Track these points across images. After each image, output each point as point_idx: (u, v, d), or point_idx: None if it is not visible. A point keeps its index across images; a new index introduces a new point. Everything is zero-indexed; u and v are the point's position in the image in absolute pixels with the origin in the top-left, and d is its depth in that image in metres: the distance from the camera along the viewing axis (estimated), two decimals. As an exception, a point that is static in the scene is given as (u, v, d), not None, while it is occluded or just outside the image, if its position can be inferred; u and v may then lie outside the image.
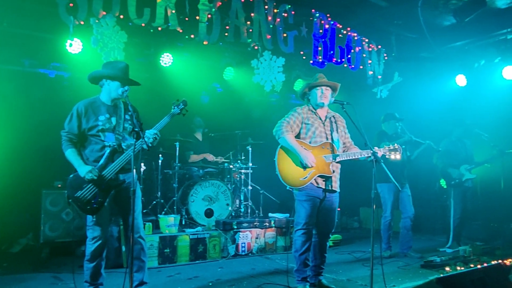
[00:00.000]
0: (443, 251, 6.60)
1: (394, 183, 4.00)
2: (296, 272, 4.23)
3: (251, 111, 8.49)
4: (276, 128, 4.20)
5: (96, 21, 5.00)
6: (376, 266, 4.22)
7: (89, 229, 3.75)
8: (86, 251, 3.75)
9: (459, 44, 7.71)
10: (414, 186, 6.40)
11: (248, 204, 7.00)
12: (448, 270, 5.02)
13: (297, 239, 4.22)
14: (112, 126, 3.80)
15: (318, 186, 4.17)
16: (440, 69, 8.17)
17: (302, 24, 6.65)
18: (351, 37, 7.29)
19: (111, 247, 5.23)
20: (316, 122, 4.27)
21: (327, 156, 4.16)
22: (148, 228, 5.44)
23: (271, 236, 6.31)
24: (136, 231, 3.81)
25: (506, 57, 7.25)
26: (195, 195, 6.42)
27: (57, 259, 5.58)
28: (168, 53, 6.79)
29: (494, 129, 7.06)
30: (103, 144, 3.75)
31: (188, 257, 5.60)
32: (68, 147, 3.72)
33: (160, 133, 3.82)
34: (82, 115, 3.74)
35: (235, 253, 5.96)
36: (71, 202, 3.63)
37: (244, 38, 6.08)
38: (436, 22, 7.13)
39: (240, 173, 7.07)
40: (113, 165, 3.69)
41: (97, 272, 3.77)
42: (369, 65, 7.61)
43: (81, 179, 3.62)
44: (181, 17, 5.56)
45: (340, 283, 4.65)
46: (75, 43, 5.52)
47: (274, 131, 4.22)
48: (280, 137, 4.15)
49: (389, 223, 6.09)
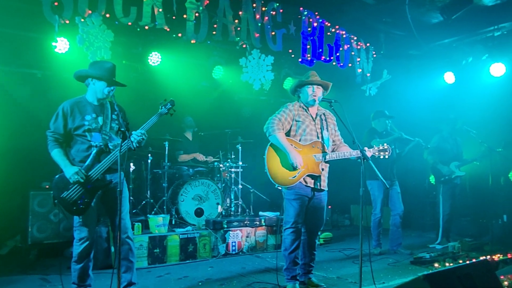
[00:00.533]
0: (432, 247, 6.64)
1: (382, 180, 4.01)
2: (285, 270, 4.23)
3: (240, 109, 8.47)
4: (267, 125, 4.17)
5: (82, 20, 4.94)
6: (366, 263, 4.24)
7: (76, 230, 3.72)
8: (73, 252, 3.73)
9: (447, 42, 7.76)
10: (404, 183, 6.44)
11: (238, 203, 6.99)
12: (437, 266, 5.06)
13: (286, 238, 4.21)
14: (99, 126, 3.78)
15: (307, 185, 4.16)
16: (429, 67, 8.21)
17: (290, 22, 6.64)
18: (340, 35, 7.30)
19: (100, 248, 5.20)
20: (307, 119, 4.26)
21: (317, 155, 4.16)
22: (138, 228, 5.41)
23: (262, 235, 6.30)
24: (124, 232, 3.79)
25: (493, 54, 7.30)
26: (185, 194, 6.40)
27: (46, 261, 5.53)
28: (156, 52, 6.74)
29: (482, 125, 7.13)
30: (90, 144, 3.72)
31: (178, 257, 5.57)
32: (54, 147, 3.69)
33: (149, 133, 3.80)
34: (68, 114, 3.71)
35: (226, 252, 5.94)
36: (57, 203, 3.60)
37: (232, 36, 6.06)
38: (423, 19, 7.16)
39: (230, 172, 7.05)
40: (99, 166, 3.66)
41: (85, 273, 3.74)
42: (357, 63, 7.62)
43: (67, 180, 3.59)
44: (168, 15, 5.51)
45: (330, 280, 4.66)
46: (62, 42, 5.45)
47: (264, 128, 4.19)
48: (270, 134, 4.12)
49: (379, 220, 6.12)
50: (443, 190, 6.90)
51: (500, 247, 6.13)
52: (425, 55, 8.04)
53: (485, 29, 7.22)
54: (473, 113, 7.35)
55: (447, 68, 8.02)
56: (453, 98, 7.99)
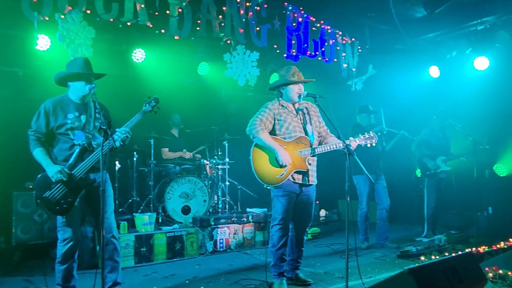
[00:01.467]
0: (419, 240, 6.69)
1: (367, 175, 4.01)
2: (273, 267, 4.22)
3: (227, 106, 8.43)
4: (250, 127, 4.13)
5: (62, 16, 4.86)
6: (353, 258, 4.25)
7: (59, 230, 3.66)
8: (57, 253, 3.67)
9: (431, 36, 7.81)
10: (390, 177, 6.46)
11: (225, 199, 6.96)
12: (424, 259, 5.09)
13: (274, 234, 4.20)
14: (82, 124, 3.72)
15: (295, 181, 4.14)
16: (414, 61, 8.25)
17: (275, 17, 6.62)
18: (325, 30, 7.29)
19: (85, 248, 5.14)
20: (289, 117, 4.23)
21: (302, 151, 4.14)
22: (124, 227, 5.35)
23: (249, 231, 6.28)
24: (109, 231, 3.74)
25: (477, 48, 7.35)
26: (172, 192, 6.35)
27: (30, 262, 5.44)
28: (140, 49, 6.67)
29: (467, 119, 7.19)
30: (73, 143, 3.66)
31: (165, 255, 5.53)
32: (35, 147, 3.62)
33: (135, 131, 3.76)
34: (50, 113, 3.64)
35: (213, 249, 5.92)
36: (40, 203, 3.53)
37: (216, 32, 6.02)
38: (408, 14, 7.20)
39: (217, 168, 7.01)
40: (83, 164, 3.61)
41: (69, 274, 3.69)
42: (343, 58, 7.63)
43: (49, 179, 3.52)
44: (151, 11, 5.46)
45: (317, 276, 4.66)
46: (43, 40, 5.36)
47: (247, 131, 4.15)
48: (255, 136, 4.09)
49: (365, 215, 6.14)
50: (428, 184, 6.96)
51: (485, 239, 6.21)
52: (410, 49, 8.08)
53: (468, 23, 7.28)
54: (458, 107, 7.42)
55: (432, 62, 8.07)
56: (438, 92, 8.05)
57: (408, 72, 8.38)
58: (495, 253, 5.01)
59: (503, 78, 7.15)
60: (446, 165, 6.86)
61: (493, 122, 7.37)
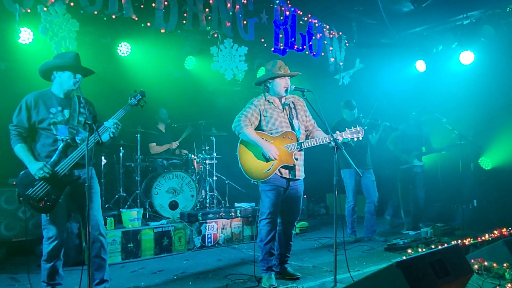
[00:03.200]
0: (406, 233, 6.76)
1: (354, 168, 4.01)
2: (261, 261, 4.21)
3: (214, 100, 8.38)
4: (235, 124, 4.14)
5: (44, 9, 4.75)
6: (341, 252, 4.26)
7: (44, 228, 3.59)
8: (43, 251, 3.61)
9: (418, 30, 7.85)
10: (377, 170, 6.49)
11: (213, 194, 6.94)
12: (411, 252, 5.14)
13: (262, 229, 4.19)
14: (65, 119, 3.62)
15: (282, 176, 4.14)
16: (401, 55, 8.29)
17: (262, 11, 6.58)
18: (312, 24, 7.28)
19: (71, 244, 5.07)
20: (275, 112, 4.21)
21: (289, 146, 4.13)
22: (110, 223, 5.29)
23: (238, 226, 6.27)
24: (96, 228, 3.68)
25: (463, 42, 7.41)
26: (159, 187, 6.30)
27: (15, 259, 5.37)
28: (125, 42, 6.58)
29: (452, 113, 7.25)
30: (55, 138, 3.56)
31: (153, 251, 5.49)
32: (17, 142, 3.53)
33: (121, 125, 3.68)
34: (32, 107, 3.55)
35: (201, 244, 5.89)
36: (22, 200, 3.46)
37: (203, 25, 5.96)
38: (395, 8, 7.22)
39: (205, 163, 6.98)
40: (66, 161, 3.53)
41: (54, 272, 3.64)
42: (330, 52, 7.63)
43: (32, 176, 3.45)
44: (136, 4, 5.37)
45: (305, 270, 4.67)
46: (25, 32, 5.24)
47: (233, 127, 4.16)
48: (240, 132, 4.09)
49: (352, 208, 6.16)
50: (401, 178, 7.07)
51: (471, 232, 6.29)
52: (397, 43, 8.11)
53: (454, 18, 7.34)
54: (444, 101, 7.48)
55: (419, 56, 8.12)
56: (424, 86, 8.10)
57: (395, 66, 8.42)
58: (480, 245, 5.08)
59: (487, 72, 7.22)
60: (419, 160, 6.93)
61: (478, 115, 7.45)
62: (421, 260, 2.88)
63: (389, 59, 8.42)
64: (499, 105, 7.31)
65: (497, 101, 7.26)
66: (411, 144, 6.96)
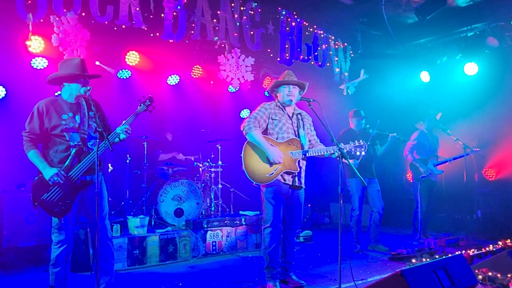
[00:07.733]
0: (410, 243, 6.75)
1: (360, 178, 4.06)
2: (265, 269, 4.24)
3: (220, 109, 8.45)
4: (244, 124, 4.22)
5: (57, 18, 4.85)
6: (346, 260, 4.28)
7: (54, 232, 3.64)
8: (51, 256, 3.66)
9: (422, 41, 7.92)
10: (381, 180, 6.51)
11: (218, 202, 6.98)
12: (415, 261, 5.15)
13: (265, 237, 4.23)
14: (77, 125, 3.68)
15: (285, 182, 4.19)
16: (405, 66, 8.35)
17: (268, 22, 6.66)
18: (318, 35, 7.36)
19: (77, 250, 5.10)
20: (284, 118, 4.30)
21: (294, 153, 4.19)
22: (116, 230, 5.34)
23: (242, 234, 6.30)
24: (103, 233, 3.73)
25: (467, 54, 7.47)
26: (165, 194, 6.34)
27: (21, 264, 5.40)
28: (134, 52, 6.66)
29: (456, 123, 7.28)
30: (68, 144, 3.62)
31: (158, 257, 5.52)
32: (30, 148, 3.59)
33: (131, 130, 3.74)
34: (44, 114, 3.61)
35: (206, 252, 5.92)
36: (37, 205, 3.53)
37: (211, 36, 6.04)
38: (399, 20, 7.30)
39: (210, 171, 7.03)
40: (79, 166, 3.59)
41: (62, 277, 3.68)
42: (335, 62, 7.70)
43: (46, 181, 3.51)
44: (145, 14, 5.47)
45: (310, 278, 4.70)
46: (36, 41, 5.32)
47: (242, 127, 4.24)
48: (247, 132, 4.17)
49: (357, 218, 6.18)
50: (421, 188, 6.96)
51: (475, 242, 6.29)
52: (402, 54, 8.18)
53: (458, 30, 7.42)
54: (448, 111, 7.51)
55: (423, 67, 8.17)
56: (428, 96, 8.14)
57: (400, 77, 8.48)
58: (484, 255, 5.09)
59: (491, 83, 7.28)
60: (437, 169, 6.93)
61: (482, 126, 7.48)
62: (426, 269, 2.92)
63: (393, 69, 8.49)
64: (502, 116, 7.34)
65: (501, 112, 7.30)
66: (427, 153, 6.95)
